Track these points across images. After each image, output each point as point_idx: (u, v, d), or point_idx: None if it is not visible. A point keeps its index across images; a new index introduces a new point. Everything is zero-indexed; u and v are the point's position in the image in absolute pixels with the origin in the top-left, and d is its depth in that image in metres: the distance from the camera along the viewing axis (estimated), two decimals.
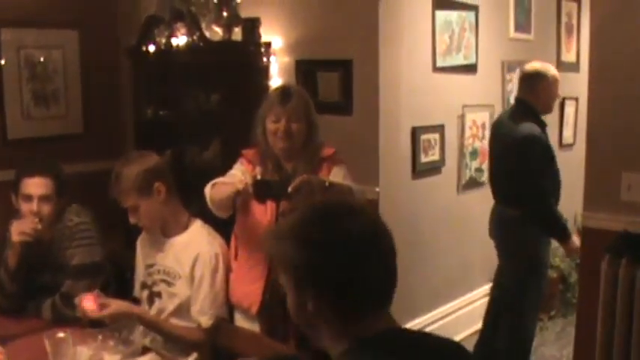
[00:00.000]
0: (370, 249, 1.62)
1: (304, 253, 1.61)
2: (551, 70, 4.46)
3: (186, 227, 3.23)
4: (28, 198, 3.34)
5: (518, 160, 4.27)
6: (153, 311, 3.19)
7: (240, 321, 3.21)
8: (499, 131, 4.55)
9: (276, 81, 4.53)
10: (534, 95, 4.41)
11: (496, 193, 4.59)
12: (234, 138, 4.17)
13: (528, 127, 4.27)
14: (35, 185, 3.34)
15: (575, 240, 4.21)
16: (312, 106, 3.22)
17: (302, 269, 1.62)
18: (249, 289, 3.13)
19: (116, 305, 2.98)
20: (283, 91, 3.23)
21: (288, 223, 1.71)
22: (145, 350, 2.89)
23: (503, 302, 4.52)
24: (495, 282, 4.70)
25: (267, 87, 4.48)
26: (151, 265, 3.27)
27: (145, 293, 3.27)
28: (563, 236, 4.32)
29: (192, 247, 3.15)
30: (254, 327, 3.15)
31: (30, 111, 5.06)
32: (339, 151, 3.28)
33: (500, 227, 4.57)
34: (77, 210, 3.46)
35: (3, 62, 4.91)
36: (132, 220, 3.15)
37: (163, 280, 3.20)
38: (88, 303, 2.93)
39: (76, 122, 5.24)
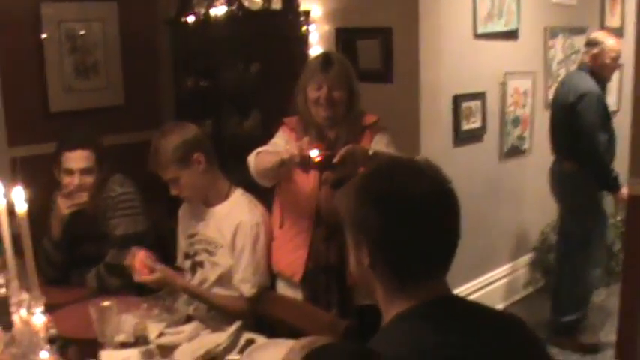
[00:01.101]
0: (431, 209, 1.57)
1: (364, 207, 1.59)
2: (609, 40, 4.67)
3: (226, 197, 3.21)
4: (70, 172, 3.35)
5: (576, 115, 4.46)
6: (195, 281, 3.20)
7: (282, 289, 3.20)
8: (561, 88, 4.74)
9: (315, 50, 4.48)
10: (594, 62, 4.66)
11: (555, 147, 4.77)
12: (273, 107, 4.14)
13: (588, 85, 4.51)
14: (76, 159, 3.35)
15: (624, 191, 4.24)
16: (354, 73, 3.16)
17: (360, 224, 1.60)
18: (292, 257, 3.11)
19: (162, 271, 3.00)
20: (324, 58, 3.15)
21: (355, 179, 1.69)
22: (189, 318, 2.89)
23: (567, 254, 4.74)
24: (559, 235, 4.92)
25: (306, 56, 4.43)
26: (192, 235, 3.27)
27: (188, 263, 3.27)
28: (614, 187, 4.51)
29: (233, 217, 3.14)
30: (297, 295, 3.14)
31: (71, 84, 5.07)
32: (381, 117, 3.23)
33: (560, 182, 4.76)
34: (120, 180, 3.46)
35: (44, 36, 4.92)
36: (173, 192, 3.15)
37: (205, 250, 3.20)
38: (138, 264, 2.96)
39: (116, 94, 5.25)
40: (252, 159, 3.15)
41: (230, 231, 3.11)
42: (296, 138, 3.09)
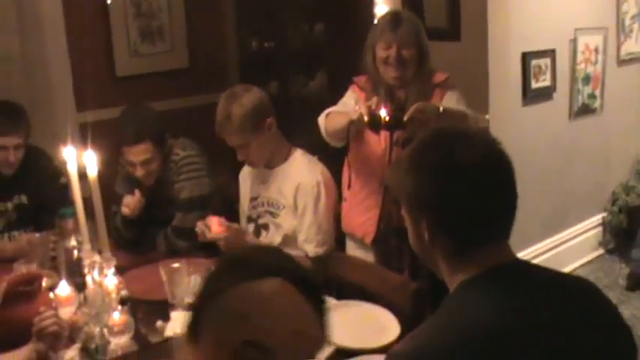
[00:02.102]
0: (485, 173, 1.55)
1: (417, 179, 1.57)
2: None
3: (287, 158, 3.20)
4: (132, 164, 3.36)
5: None
6: None
7: (353, 250, 3.18)
8: None
9: (381, 8, 4.39)
10: None
11: None
12: (339, 67, 4.11)
13: None
14: (136, 153, 3.33)
15: None
16: (423, 32, 3.09)
17: (416, 197, 1.58)
18: (363, 218, 3.08)
19: (235, 228, 3.02)
20: (393, 16, 3.09)
21: (405, 152, 1.67)
22: None
23: None
24: None
25: (372, 15, 4.36)
26: (255, 198, 3.27)
27: (252, 226, 3.27)
28: None
29: (294, 177, 3.13)
30: (368, 257, 3.11)
31: (137, 48, 5.09)
32: (450, 76, 3.16)
33: None
34: (184, 143, 3.46)
35: (109, 1, 4.93)
36: (241, 157, 3.14)
37: (268, 212, 3.20)
38: (215, 225, 2.99)
39: (181, 57, 5.24)
40: (322, 120, 3.13)
41: (291, 191, 3.10)
42: (365, 97, 3.04)
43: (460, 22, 4.21)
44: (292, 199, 3.10)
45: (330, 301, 2.60)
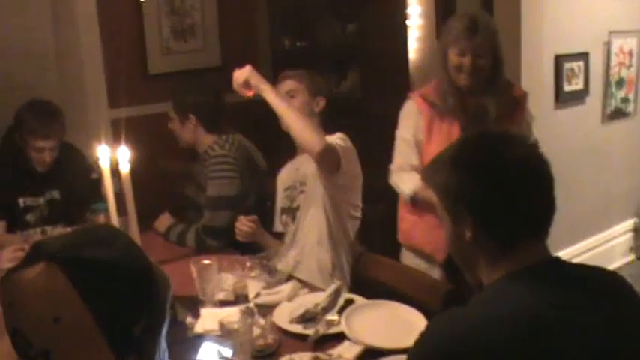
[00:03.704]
0: (527, 172, 1.59)
1: (463, 177, 1.59)
2: None
3: None
4: None
5: None
6: (294, 227, 3.20)
7: (411, 261, 3.18)
8: None
9: (413, 9, 4.39)
10: None
11: None
12: (372, 67, 4.10)
13: None
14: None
15: None
16: (500, 39, 3.02)
17: (461, 194, 1.59)
18: (434, 233, 2.93)
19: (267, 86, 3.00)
20: (470, 22, 2.97)
21: (443, 153, 1.68)
22: (290, 278, 2.88)
23: None
24: None
25: (404, 15, 4.35)
26: (288, 188, 3.29)
27: (285, 217, 3.27)
28: None
29: None
30: (432, 272, 3.08)
31: (169, 46, 5.10)
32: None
33: None
34: (224, 142, 3.49)
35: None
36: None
37: (301, 192, 3.20)
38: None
39: (213, 55, 5.24)
40: (398, 183, 3.17)
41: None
42: (429, 108, 3.00)
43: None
44: None
45: (361, 301, 2.62)
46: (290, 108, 2.95)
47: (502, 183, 1.56)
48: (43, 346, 1.25)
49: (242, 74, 3.00)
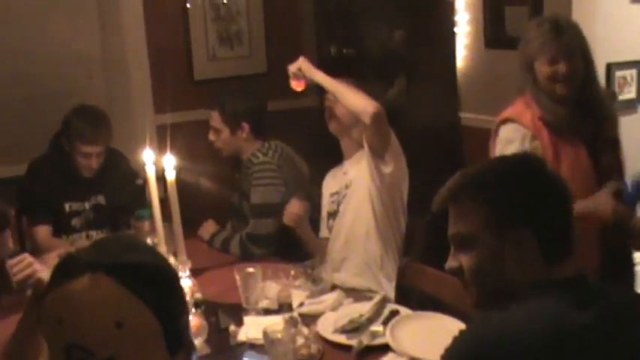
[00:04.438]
0: (561, 189, 1.64)
1: (508, 196, 1.60)
2: None
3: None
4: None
5: None
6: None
7: None
8: None
9: (462, 16, 4.37)
10: None
11: None
12: (419, 75, 4.08)
13: None
14: (211, 117, 3.57)
15: None
16: (585, 36, 2.77)
17: (505, 213, 1.60)
18: None
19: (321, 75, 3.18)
20: (552, 23, 2.71)
21: (485, 169, 1.70)
22: (334, 288, 2.88)
23: None
24: None
25: (452, 22, 4.33)
26: (334, 193, 3.30)
27: (332, 221, 3.28)
28: None
29: None
30: None
31: (215, 52, 5.14)
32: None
33: None
34: (266, 149, 3.51)
35: (189, 5, 4.99)
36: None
37: (346, 195, 3.21)
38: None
39: (259, 62, 5.27)
40: None
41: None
42: (548, 131, 2.70)
43: None
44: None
45: (406, 312, 2.61)
46: (340, 84, 3.09)
47: (548, 199, 1.61)
48: (107, 353, 1.25)
49: (296, 64, 3.19)
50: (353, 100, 3.01)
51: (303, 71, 3.19)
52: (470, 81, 4.44)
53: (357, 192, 3.15)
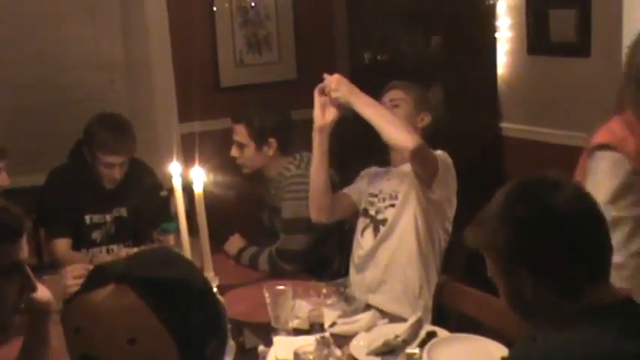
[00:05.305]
0: (576, 220, 1.62)
1: (513, 232, 1.62)
2: None
3: None
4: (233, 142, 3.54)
5: None
6: (377, 239, 3.22)
7: None
8: None
9: (503, 21, 4.37)
10: None
11: None
12: (457, 83, 4.07)
13: None
14: (234, 132, 3.55)
15: None
16: None
17: (514, 250, 1.63)
18: None
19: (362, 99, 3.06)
20: None
21: (488, 208, 1.71)
22: (368, 307, 2.89)
23: None
24: None
25: (493, 27, 4.33)
26: (375, 195, 3.30)
27: (367, 220, 3.30)
28: None
29: None
30: None
31: (242, 58, 5.17)
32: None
33: None
34: (300, 161, 3.52)
35: (215, 9, 5.03)
36: None
37: (390, 205, 3.21)
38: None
39: (289, 68, 5.31)
40: None
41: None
42: (637, 159, 2.41)
43: (590, 36, 4.12)
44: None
45: (444, 334, 2.61)
46: (379, 110, 3.04)
47: (557, 232, 1.60)
48: None
49: (332, 82, 3.11)
50: (392, 135, 2.98)
51: (338, 95, 3.11)
52: (512, 90, 4.44)
53: (403, 216, 3.16)
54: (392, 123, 2.99)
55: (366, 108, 3.03)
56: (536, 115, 4.32)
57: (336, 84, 3.11)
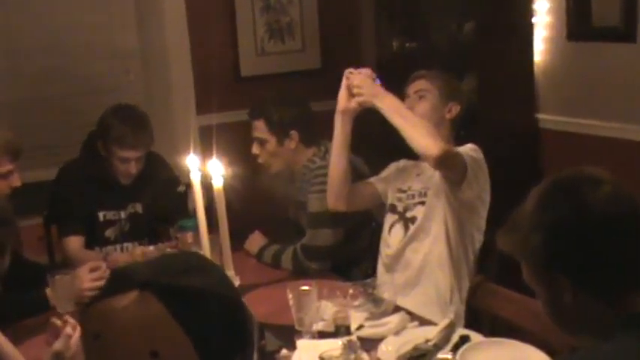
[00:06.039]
0: (620, 217, 1.58)
1: (545, 239, 1.59)
2: None
3: None
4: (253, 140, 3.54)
5: None
6: (407, 238, 3.21)
7: None
8: None
9: (541, 5, 4.32)
10: None
11: None
12: (491, 71, 4.04)
13: None
14: (254, 128, 3.55)
15: None
16: None
17: (550, 255, 1.60)
18: None
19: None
20: None
21: (521, 209, 1.67)
22: (397, 309, 2.87)
23: None
24: None
25: (530, 12, 4.30)
26: (404, 190, 3.30)
27: (395, 217, 3.29)
28: None
29: None
30: None
31: (264, 46, 5.16)
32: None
33: None
34: (325, 153, 3.50)
35: None
36: None
37: (420, 202, 3.21)
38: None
39: (313, 57, 5.30)
40: None
41: None
42: None
43: (637, 21, 4.07)
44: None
45: (477, 338, 2.59)
46: (402, 113, 3.01)
47: (595, 233, 1.56)
48: None
49: (357, 79, 3.09)
50: (415, 141, 2.94)
51: (361, 93, 3.10)
52: (550, 78, 4.39)
53: (432, 214, 3.15)
54: (416, 128, 2.96)
55: (390, 111, 3.02)
56: (575, 106, 4.28)
57: (358, 83, 3.10)
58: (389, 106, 3.04)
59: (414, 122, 2.99)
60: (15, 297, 2.58)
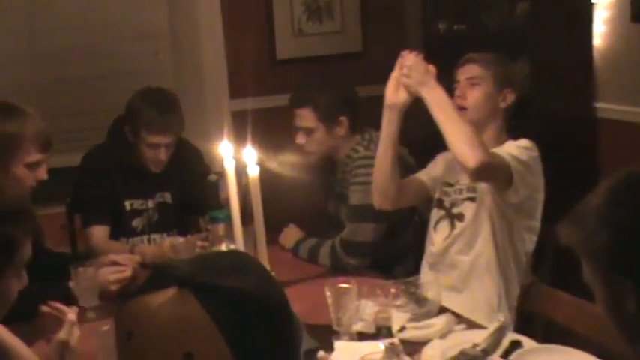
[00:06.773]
0: None
1: (614, 237, 1.55)
2: None
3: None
4: (295, 129, 3.54)
5: None
6: (451, 238, 3.20)
7: None
8: None
9: None
10: None
11: None
12: (545, 56, 3.99)
13: None
14: (298, 117, 3.53)
15: None
16: None
17: (617, 256, 1.56)
18: None
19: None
20: None
21: (588, 202, 1.63)
22: (442, 311, 2.84)
23: None
24: None
25: None
26: (451, 184, 3.28)
27: (442, 212, 3.27)
28: None
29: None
30: None
31: (301, 27, 5.15)
32: None
33: None
34: (369, 141, 3.49)
35: None
36: None
37: (468, 199, 3.18)
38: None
39: (353, 39, 5.27)
40: None
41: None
42: None
43: None
44: None
45: (530, 343, 2.55)
46: (448, 112, 2.95)
47: None
48: None
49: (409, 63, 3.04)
50: (455, 146, 2.91)
51: (410, 75, 3.04)
52: (610, 64, 4.33)
53: (482, 212, 3.12)
54: (457, 131, 2.90)
55: (434, 105, 2.96)
56: (638, 94, 4.21)
57: (410, 64, 3.04)
58: (435, 99, 2.97)
59: (457, 124, 2.92)
60: (37, 290, 2.57)
